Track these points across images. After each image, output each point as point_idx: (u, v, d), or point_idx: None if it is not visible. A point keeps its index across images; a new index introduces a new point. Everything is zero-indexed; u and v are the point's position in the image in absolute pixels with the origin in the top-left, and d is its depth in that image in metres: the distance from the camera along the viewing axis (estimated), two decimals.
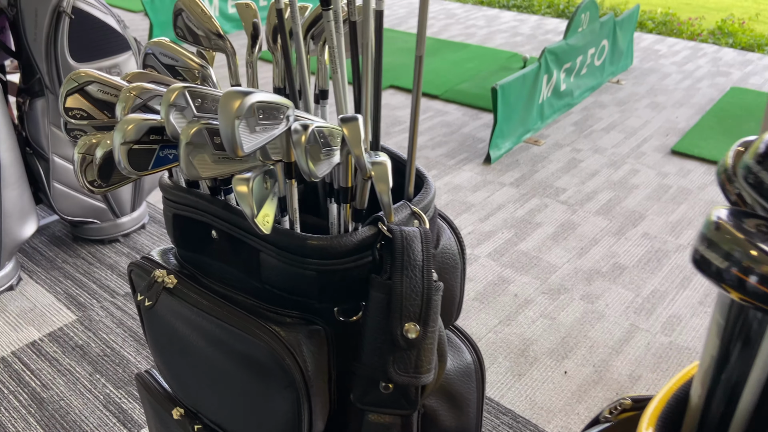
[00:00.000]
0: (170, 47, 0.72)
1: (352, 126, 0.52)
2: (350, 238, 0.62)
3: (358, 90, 0.65)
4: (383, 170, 0.55)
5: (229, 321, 0.64)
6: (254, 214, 0.52)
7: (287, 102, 0.53)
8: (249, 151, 0.49)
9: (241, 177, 0.53)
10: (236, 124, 0.48)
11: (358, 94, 0.65)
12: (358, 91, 0.65)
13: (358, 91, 0.65)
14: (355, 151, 0.52)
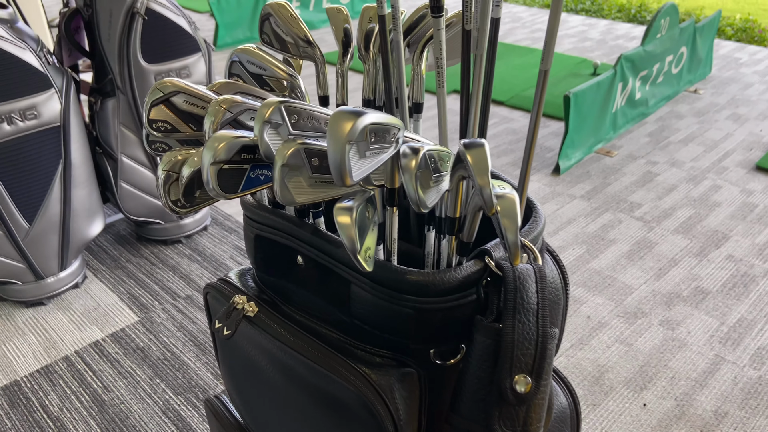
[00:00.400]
0: (258, 55, 0.67)
1: (477, 153, 0.45)
2: (454, 275, 0.55)
3: (466, 105, 0.58)
4: (510, 204, 0.48)
5: (313, 358, 0.58)
6: (357, 249, 0.46)
7: (398, 122, 0.47)
8: (358, 179, 0.43)
9: (343, 206, 0.47)
10: (347, 150, 0.41)
11: (467, 109, 0.58)
12: (467, 106, 0.58)
13: (466, 106, 0.58)
14: (479, 181, 0.45)
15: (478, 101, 0.57)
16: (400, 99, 0.65)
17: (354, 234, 0.46)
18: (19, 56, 1.51)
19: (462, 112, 0.59)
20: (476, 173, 0.45)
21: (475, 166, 0.45)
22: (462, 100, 0.58)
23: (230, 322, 0.62)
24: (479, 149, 0.45)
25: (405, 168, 0.47)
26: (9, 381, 1.52)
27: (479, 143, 0.46)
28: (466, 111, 0.58)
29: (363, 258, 0.47)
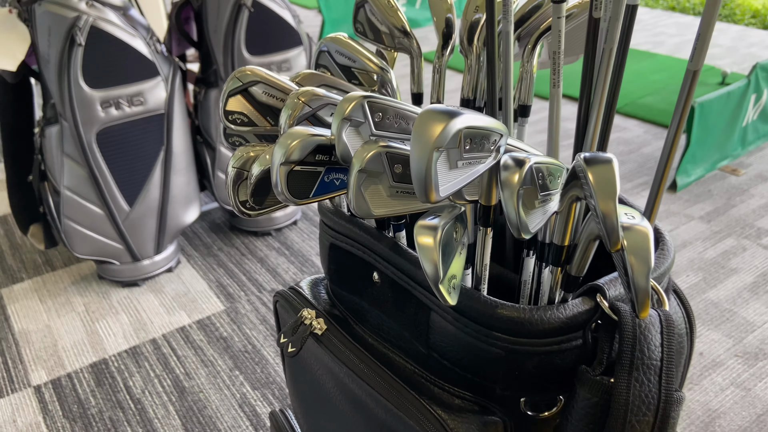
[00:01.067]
0: (348, 45, 0.60)
1: (602, 171, 0.36)
2: (556, 313, 0.46)
3: (586, 110, 0.48)
4: (642, 240, 0.38)
5: (382, 391, 0.51)
6: (439, 277, 0.38)
7: (501, 127, 0.38)
8: (446, 195, 0.35)
9: (426, 224, 0.39)
10: (434, 158, 0.33)
11: (586, 115, 0.48)
12: (586, 112, 0.48)
13: (585, 111, 0.48)
14: (603, 206, 0.36)
15: (601, 106, 0.47)
16: (504, 100, 0.56)
17: (437, 259, 0.38)
18: (130, 43, 1.55)
19: (580, 118, 0.49)
20: (599, 196, 0.35)
21: (598, 188, 0.36)
22: (581, 104, 0.48)
23: (296, 338, 0.56)
24: (605, 167, 0.36)
25: (505, 183, 0.39)
26: (98, 359, 1.56)
27: (605, 159, 0.36)
28: (585, 117, 0.48)
29: (446, 288, 0.39)
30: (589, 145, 0.49)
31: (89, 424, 1.38)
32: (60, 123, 1.57)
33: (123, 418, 1.40)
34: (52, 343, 1.60)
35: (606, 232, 0.36)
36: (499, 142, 0.38)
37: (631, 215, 0.39)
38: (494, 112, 0.54)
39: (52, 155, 1.61)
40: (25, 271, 1.86)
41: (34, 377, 1.50)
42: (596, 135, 0.48)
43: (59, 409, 1.42)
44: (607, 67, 0.45)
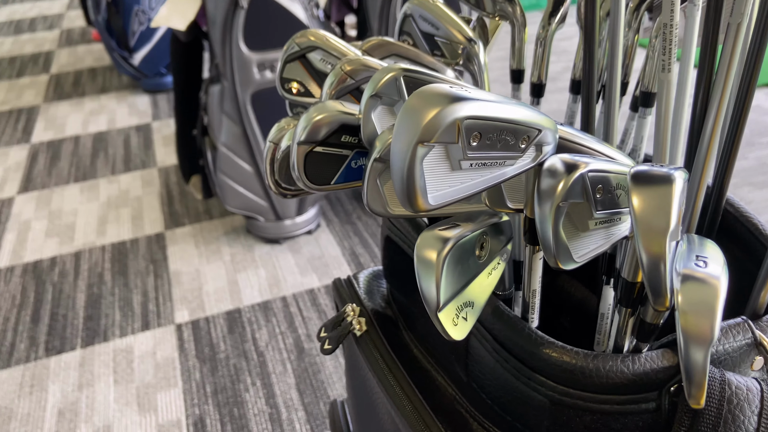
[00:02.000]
0: (432, 8, 0.52)
1: (653, 195, 0.25)
2: (620, 365, 0.35)
3: (704, 100, 0.36)
4: (705, 299, 0.27)
5: (405, 415, 0.44)
6: (436, 304, 0.30)
7: (538, 120, 0.29)
8: (437, 204, 0.27)
9: (434, 234, 0.31)
10: (419, 155, 0.25)
11: (704, 107, 0.36)
12: (704, 103, 0.36)
13: (704, 101, 0.36)
14: (646, 245, 0.25)
15: (723, 98, 0.35)
16: (609, 83, 0.44)
17: (438, 279, 0.30)
18: (288, 8, 1.58)
19: (695, 113, 0.37)
20: (641, 231, 0.25)
21: (641, 218, 0.25)
22: (697, 95, 0.36)
23: (335, 335, 0.51)
24: (658, 190, 0.25)
25: (542, 194, 0.29)
26: (234, 307, 1.65)
27: (662, 177, 0.25)
28: (701, 112, 0.36)
29: (450, 317, 0.31)
30: (704, 151, 0.36)
31: (215, 367, 1.47)
32: (221, 82, 1.66)
33: (245, 368, 1.47)
34: (197, 287, 1.73)
35: (647, 282, 0.25)
36: (537, 139, 0.29)
37: (703, 259, 0.27)
38: (590, 97, 0.43)
39: (213, 112, 1.71)
40: (187, 216, 2.03)
41: (178, 316, 1.63)
42: (715, 137, 0.36)
43: (193, 349, 1.53)
44: (732, 48, 0.33)
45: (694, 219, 0.39)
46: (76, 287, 1.73)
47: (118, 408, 1.38)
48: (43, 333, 1.58)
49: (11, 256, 1.85)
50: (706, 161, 0.36)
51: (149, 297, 1.69)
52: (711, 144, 0.36)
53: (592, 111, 0.42)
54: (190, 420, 1.35)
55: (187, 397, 1.40)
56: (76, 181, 2.21)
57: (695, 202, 0.38)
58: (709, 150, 0.36)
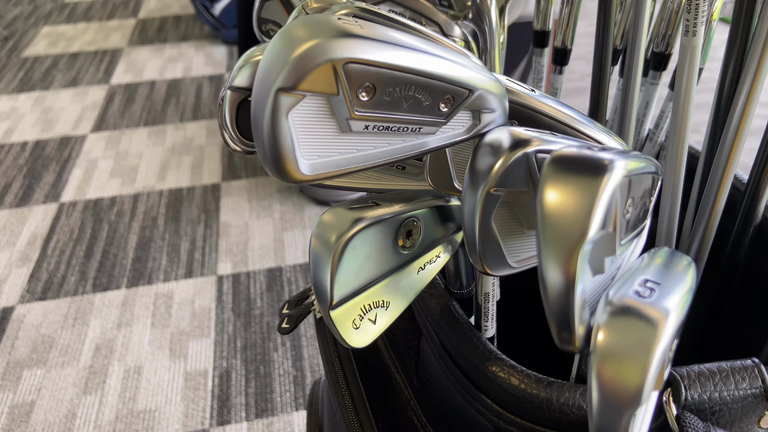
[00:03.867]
0: None
1: (567, 186, 0.18)
2: (580, 400, 0.28)
3: (732, 81, 0.27)
4: (634, 343, 0.19)
5: (344, 415, 0.38)
6: (329, 300, 0.24)
7: (471, 77, 0.22)
8: (316, 174, 0.21)
9: (343, 211, 0.25)
10: (281, 104, 0.19)
11: (731, 90, 0.27)
12: (732, 85, 0.27)
13: (737, 65, 0.27)
14: (545, 260, 0.18)
15: (758, 80, 0.26)
16: (631, 45, 0.36)
17: (331, 268, 0.24)
18: None
19: (721, 97, 0.28)
20: (543, 236, 0.18)
21: (547, 217, 0.18)
22: (724, 75, 0.27)
23: (295, 313, 0.45)
24: (582, 181, 0.18)
25: (474, 175, 0.22)
26: (275, 265, 1.65)
27: (595, 165, 0.18)
28: (727, 95, 0.27)
29: (344, 318, 0.25)
30: (732, 136, 0.28)
31: (248, 323, 1.47)
32: None
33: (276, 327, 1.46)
34: (244, 241, 1.73)
35: (547, 310, 0.18)
36: (468, 102, 0.22)
37: (653, 284, 0.19)
38: (603, 71, 0.35)
39: None
40: (245, 170, 2.03)
41: (221, 267, 1.64)
42: (747, 119, 0.27)
43: (230, 302, 1.53)
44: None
45: (711, 223, 0.31)
46: (130, 228, 1.78)
47: (150, 351, 1.40)
48: (93, 269, 1.64)
49: (75, 192, 1.92)
50: (733, 150, 0.28)
51: (196, 246, 1.71)
52: (741, 127, 0.27)
53: (604, 87, 0.34)
54: (216, 372, 1.36)
55: (218, 348, 1.41)
56: (146, 125, 2.26)
57: (715, 201, 0.30)
58: (738, 134, 0.28)
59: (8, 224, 1.81)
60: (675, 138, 0.30)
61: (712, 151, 0.33)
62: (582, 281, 0.17)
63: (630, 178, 0.19)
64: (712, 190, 0.33)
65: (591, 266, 0.18)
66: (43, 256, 1.68)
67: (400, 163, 0.29)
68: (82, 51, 2.85)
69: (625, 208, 0.19)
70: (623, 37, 0.45)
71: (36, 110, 2.37)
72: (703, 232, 0.34)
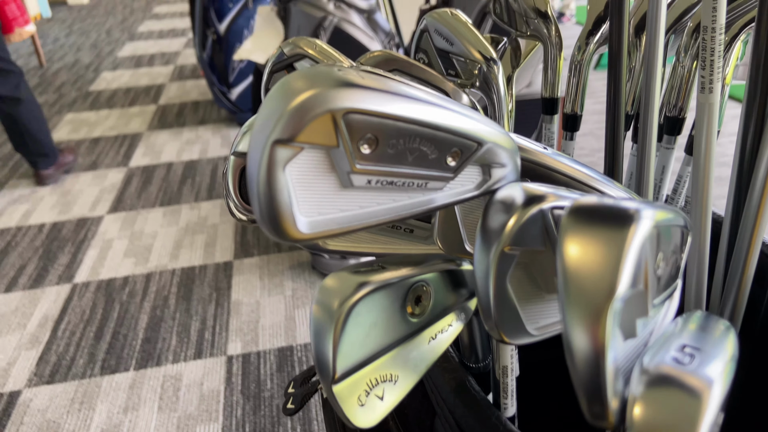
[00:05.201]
0: (448, 22, 0.45)
1: (592, 239, 0.16)
2: None
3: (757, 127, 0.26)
4: (678, 417, 0.17)
5: None
6: (331, 373, 0.22)
7: (480, 130, 0.21)
8: (315, 232, 0.19)
9: (347, 275, 0.23)
10: (278, 158, 0.18)
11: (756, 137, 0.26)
12: (757, 132, 0.26)
13: (758, 124, 0.26)
14: (571, 323, 0.16)
15: None
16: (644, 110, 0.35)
17: (334, 337, 0.22)
18: (367, 45, 1.56)
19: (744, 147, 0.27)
20: (568, 294, 0.16)
21: (571, 274, 0.16)
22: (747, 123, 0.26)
23: (300, 392, 0.43)
24: (607, 233, 0.16)
25: (486, 234, 0.20)
26: (286, 344, 1.61)
27: (620, 215, 0.16)
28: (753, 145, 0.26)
29: (349, 394, 0.22)
30: (757, 196, 0.26)
31: (258, 406, 1.42)
32: None
33: None
34: (255, 319, 1.70)
35: (575, 381, 0.16)
36: (477, 156, 0.20)
37: (693, 349, 0.17)
38: (616, 133, 0.34)
39: None
40: (257, 247, 2.03)
41: (231, 347, 1.61)
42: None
43: (239, 383, 1.49)
44: None
45: (743, 290, 0.29)
46: (141, 308, 1.76)
47: None
48: (102, 351, 1.61)
49: (89, 272, 1.92)
50: (760, 210, 0.26)
51: (207, 325, 1.68)
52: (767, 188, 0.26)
53: (618, 151, 0.33)
54: None
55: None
56: (162, 205, 2.29)
57: (745, 266, 0.28)
58: (765, 195, 0.26)
59: (21, 306, 1.80)
60: (697, 196, 0.28)
61: (737, 215, 0.32)
62: (613, 347, 0.15)
63: (659, 230, 0.17)
64: (741, 255, 0.31)
65: (622, 329, 0.16)
66: (53, 338, 1.66)
67: (408, 226, 0.28)
68: (103, 136, 2.94)
69: (656, 263, 0.17)
70: (634, 102, 0.44)
71: (55, 193, 2.42)
72: (734, 299, 0.32)
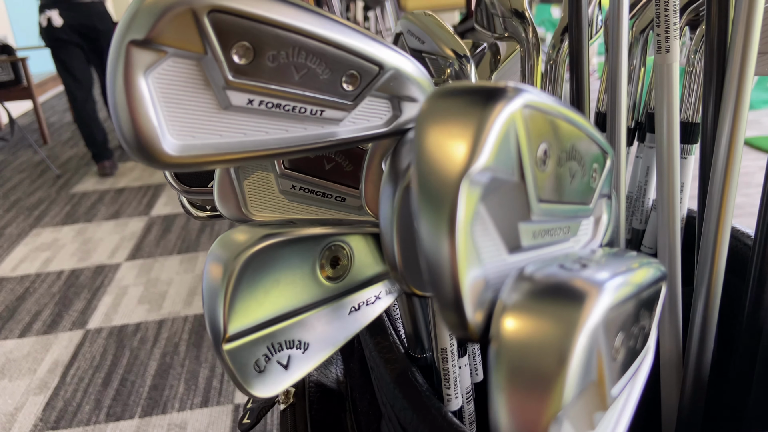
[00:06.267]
0: (420, 21, 0.43)
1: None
2: None
3: (714, 112, 0.23)
4: (550, 328, 0.13)
5: None
6: (221, 329, 0.19)
7: (383, 53, 0.18)
8: (186, 155, 0.17)
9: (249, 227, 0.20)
10: (135, 60, 0.16)
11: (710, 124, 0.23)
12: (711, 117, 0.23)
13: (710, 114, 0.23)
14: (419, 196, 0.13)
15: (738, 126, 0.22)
16: (610, 112, 0.32)
17: (225, 288, 0.19)
18: None
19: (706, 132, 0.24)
20: (416, 179, 0.13)
21: (416, 159, 0.13)
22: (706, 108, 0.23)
23: (257, 406, 0.39)
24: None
25: (392, 171, 0.18)
26: None
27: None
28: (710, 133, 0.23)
29: (242, 356, 0.20)
30: (718, 189, 0.23)
31: None
32: None
33: None
34: None
35: (425, 274, 0.13)
36: (380, 84, 0.18)
37: (584, 261, 0.14)
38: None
39: None
40: None
41: (239, 396, 1.56)
42: (731, 174, 0.23)
43: None
44: None
45: (714, 281, 0.25)
46: (151, 355, 1.73)
47: None
48: (109, 397, 1.58)
49: (102, 318, 1.91)
50: (725, 189, 0.23)
51: (215, 372, 1.65)
52: (729, 174, 0.22)
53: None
54: None
55: None
56: (179, 252, 2.30)
57: (714, 254, 0.25)
58: (726, 184, 0.23)
59: (32, 351, 1.80)
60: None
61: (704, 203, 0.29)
62: (476, 240, 0.12)
63: (538, 115, 0.14)
64: (709, 242, 0.28)
65: (499, 231, 0.13)
66: (62, 384, 1.64)
67: (340, 194, 0.25)
68: (128, 186, 3.00)
69: (536, 154, 0.14)
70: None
71: (76, 241, 2.45)
72: (707, 291, 0.29)
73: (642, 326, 0.17)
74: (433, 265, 0.12)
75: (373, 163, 0.23)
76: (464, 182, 0.12)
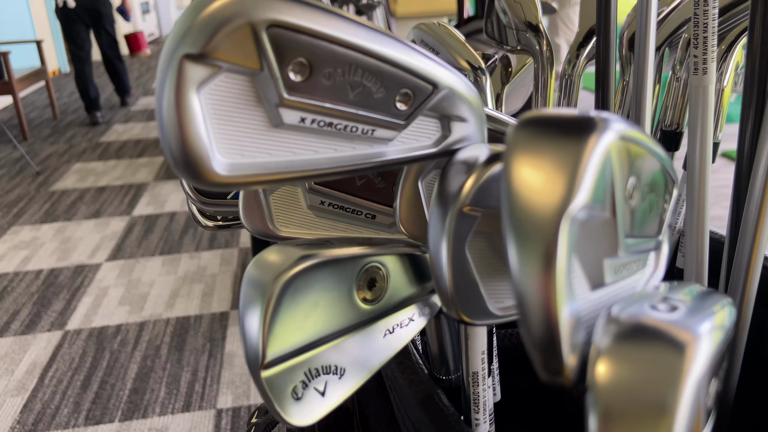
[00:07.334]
0: (434, 31, 0.43)
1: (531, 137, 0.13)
2: None
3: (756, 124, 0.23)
4: (654, 374, 0.13)
5: None
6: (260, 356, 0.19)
7: (439, 73, 0.18)
8: (236, 174, 0.16)
9: (286, 247, 0.20)
10: (188, 75, 0.15)
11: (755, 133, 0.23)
12: (755, 130, 0.23)
13: (755, 128, 0.23)
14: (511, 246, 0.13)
15: None
16: None
17: (264, 314, 0.18)
18: None
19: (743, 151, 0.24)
20: (509, 225, 0.13)
21: (509, 201, 0.13)
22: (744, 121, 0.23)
23: (262, 422, 0.38)
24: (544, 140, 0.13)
25: (442, 195, 0.17)
26: None
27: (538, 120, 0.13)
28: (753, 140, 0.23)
29: (280, 383, 0.19)
30: (755, 211, 0.23)
31: None
32: None
33: None
34: (248, 371, 1.64)
35: (523, 326, 0.12)
36: (433, 103, 0.17)
37: (673, 301, 0.14)
38: None
39: None
40: None
41: (221, 400, 1.54)
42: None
43: None
44: None
45: (745, 310, 0.25)
46: (131, 357, 1.70)
47: None
48: (88, 400, 1.55)
49: (82, 320, 1.88)
50: (760, 219, 0.23)
51: (198, 377, 1.62)
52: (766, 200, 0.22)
53: None
54: None
55: None
56: (161, 254, 2.26)
57: (746, 283, 0.25)
58: (764, 201, 0.23)
59: (10, 352, 1.75)
60: (691, 222, 0.25)
61: (737, 229, 0.28)
62: (572, 285, 0.12)
63: (629, 147, 0.14)
64: (741, 271, 0.28)
65: (584, 267, 0.13)
66: (40, 386, 1.60)
67: (370, 211, 0.24)
68: (109, 185, 2.95)
69: (626, 189, 0.14)
70: (629, 118, 0.42)
71: (56, 240, 2.41)
72: (737, 318, 0.28)
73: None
74: (529, 304, 0.12)
75: (409, 181, 0.22)
76: (564, 220, 0.12)
